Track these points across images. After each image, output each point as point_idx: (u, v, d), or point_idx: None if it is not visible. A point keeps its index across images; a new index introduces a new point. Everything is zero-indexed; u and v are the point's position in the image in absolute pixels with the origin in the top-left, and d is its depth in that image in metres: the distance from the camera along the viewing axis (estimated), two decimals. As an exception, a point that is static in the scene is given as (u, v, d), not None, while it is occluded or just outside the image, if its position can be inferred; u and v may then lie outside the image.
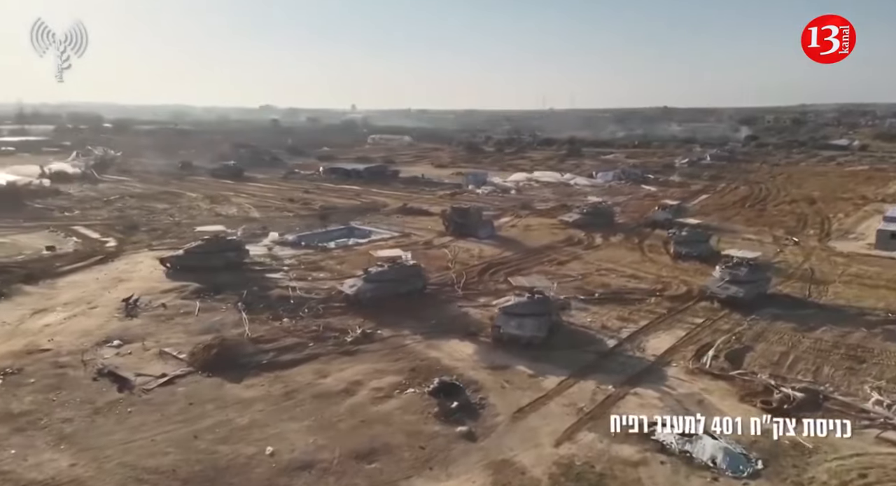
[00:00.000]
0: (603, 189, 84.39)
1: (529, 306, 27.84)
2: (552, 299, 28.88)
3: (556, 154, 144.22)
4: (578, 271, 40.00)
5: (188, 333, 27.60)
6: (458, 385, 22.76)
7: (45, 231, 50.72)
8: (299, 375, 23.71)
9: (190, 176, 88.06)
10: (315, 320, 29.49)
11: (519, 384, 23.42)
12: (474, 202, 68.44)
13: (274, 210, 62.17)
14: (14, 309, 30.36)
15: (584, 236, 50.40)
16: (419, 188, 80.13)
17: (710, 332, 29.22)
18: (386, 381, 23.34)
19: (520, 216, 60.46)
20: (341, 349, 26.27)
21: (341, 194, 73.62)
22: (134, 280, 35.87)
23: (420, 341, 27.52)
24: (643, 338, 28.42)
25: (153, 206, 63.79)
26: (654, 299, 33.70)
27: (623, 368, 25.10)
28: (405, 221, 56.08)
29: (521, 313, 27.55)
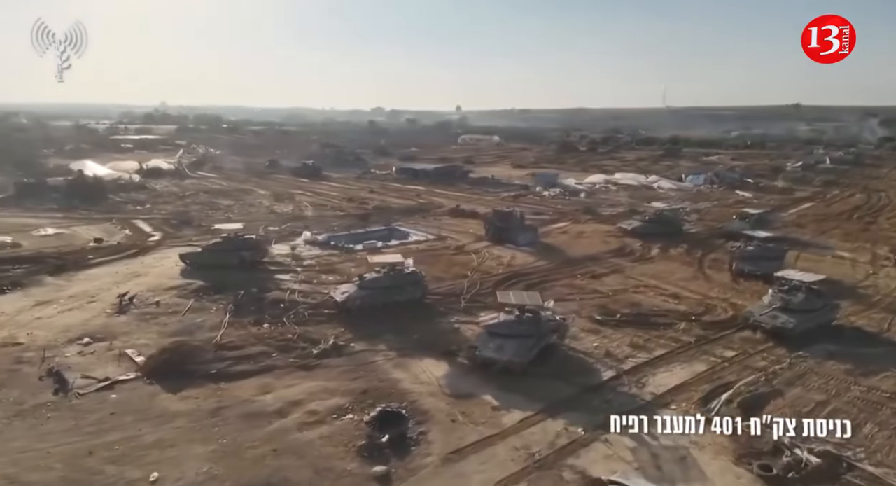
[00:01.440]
0: (688, 194, 77.81)
1: (515, 327, 24.58)
2: (545, 318, 25.38)
3: (652, 154, 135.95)
4: (613, 286, 35.78)
5: (161, 334, 26.82)
6: (402, 415, 20.16)
7: (107, 223, 53.10)
8: (241, 389, 22.03)
9: (272, 174, 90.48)
10: (295, 328, 27.81)
11: (475, 418, 20.40)
12: (537, 204, 65.19)
13: (328, 209, 61.87)
14: (21, 300, 31.13)
15: (640, 247, 45.60)
16: (484, 190, 77.37)
17: (739, 369, 24.52)
18: (329, 403, 21.13)
19: (578, 222, 56.19)
20: (302, 362, 24.37)
21: (402, 194, 72.35)
22: (150, 276, 36.07)
23: (391, 359, 25.07)
24: (650, 371, 24.27)
25: (219, 202, 65.57)
26: (683, 325, 29.08)
27: (607, 407, 21.28)
28: (450, 224, 53.66)
29: (504, 334, 24.35)
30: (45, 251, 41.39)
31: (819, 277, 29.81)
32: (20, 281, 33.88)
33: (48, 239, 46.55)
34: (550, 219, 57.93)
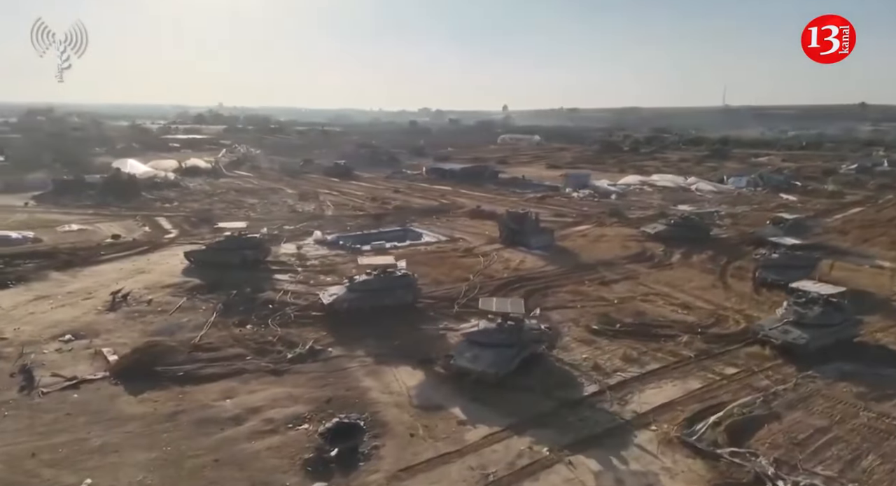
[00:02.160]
0: (727, 197, 74.57)
1: (494, 335, 23.29)
2: (528, 327, 24.00)
3: (697, 155, 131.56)
4: (621, 293, 33.97)
5: (143, 333, 26.64)
6: (358, 427, 19.21)
7: (131, 220, 54.10)
8: (204, 393, 21.48)
9: (306, 174, 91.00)
10: (277, 330, 27.22)
11: (436, 433, 19.25)
12: (563, 206, 63.48)
13: (349, 209, 61.55)
14: (21, 295, 31.60)
15: (661, 252, 43.44)
16: (511, 190, 75.84)
17: (737, 388, 22.60)
18: (288, 411, 20.33)
19: (602, 225, 54.14)
20: (274, 367, 23.65)
21: (427, 195, 71.54)
22: (153, 273, 36.23)
23: (366, 365, 24.14)
24: (638, 387, 22.60)
25: (245, 200, 66.06)
26: (686, 338, 27.15)
27: (582, 425, 19.83)
28: (467, 225, 52.51)
29: (483, 343, 23.10)
30: (62, 247, 42.17)
31: (839, 289, 27.37)
32: (26, 276, 34.50)
33: (70, 235, 47.58)
34: (573, 221, 56.10)
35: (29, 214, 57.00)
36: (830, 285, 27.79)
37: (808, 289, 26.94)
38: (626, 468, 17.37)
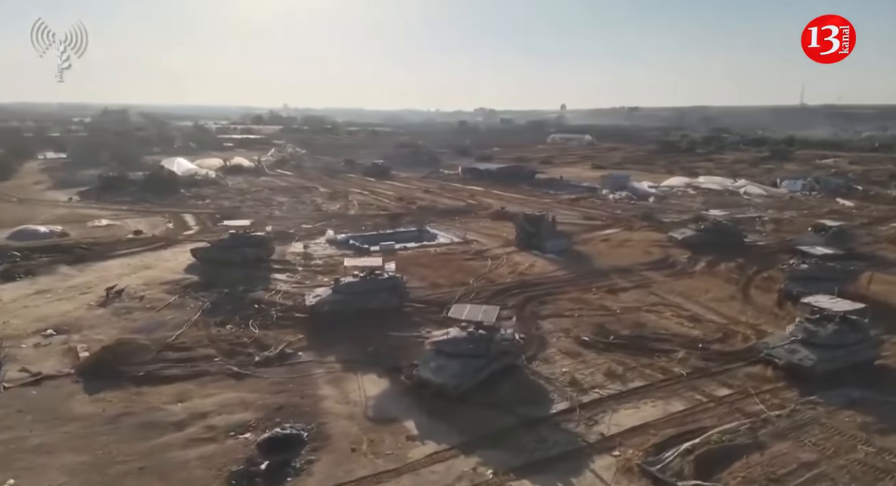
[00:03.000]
0: (777, 201, 70.31)
1: (461, 345, 22.00)
2: (500, 338, 22.58)
3: (756, 156, 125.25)
4: (627, 303, 31.97)
5: (123, 330, 26.69)
6: (298, 439, 18.34)
7: (159, 216, 55.34)
8: (158, 395, 21.12)
9: (345, 173, 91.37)
10: (255, 331, 26.77)
11: (380, 448, 18.16)
12: (595, 208, 61.21)
13: (374, 208, 61.15)
14: (24, 288, 32.41)
15: (686, 259, 40.88)
16: (545, 191, 73.72)
17: (724, 413, 20.54)
18: (235, 418, 19.69)
19: (630, 229, 51.65)
20: (237, 370, 23.09)
21: (457, 195, 70.40)
22: (157, 269, 36.65)
23: (332, 372, 23.30)
24: (613, 406, 20.85)
25: (275, 199, 66.61)
26: (683, 353, 25.06)
27: (538, 446, 18.33)
28: (487, 227, 51.10)
29: (449, 353, 21.86)
30: (83, 242, 43.37)
31: (858, 305, 24.62)
32: (35, 269, 35.46)
33: (97, 230, 49.00)
34: (601, 225, 53.85)
35: (69, 209, 59.26)
36: (849, 301, 25.04)
37: (823, 304, 24.35)
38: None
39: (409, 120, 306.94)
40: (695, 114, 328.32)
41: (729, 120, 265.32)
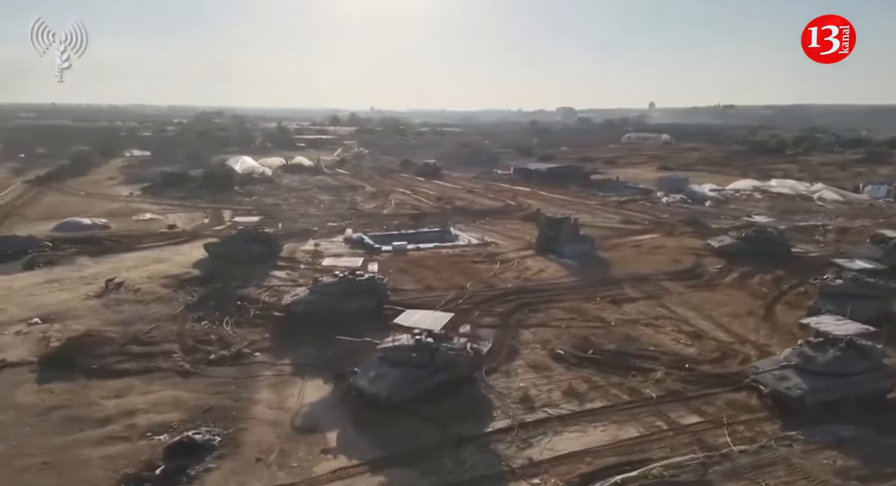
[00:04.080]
0: (853, 208, 63.92)
1: (405, 354, 20.81)
2: (447, 348, 21.19)
3: (848, 158, 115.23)
4: (628, 315, 29.62)
5: (103, 321, 27.34)
6: (208, 445, 17.79)
7: (201, 212, 57.17)
8: (100, 389, 21.26)
9: (398, 173, 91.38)
10: (226, 329, 26.69)
11: (288, 460, 17.31)
12: (641, 212, 58.05)
13: (408, 207, 60.63)
14: (37, 277, 34.11)
15: (717, 269, 37.58)
16: (594, 193, 70.50)
17: (682, 443, 18.25)
18: (161, 418, 19.43)
19: (671, 234, 48.31)
20: (187, 368, 22.97)
21: (500, 195, 68.66)
22: (168, 263, 37.59)
23: (280, 375, 22.73)
24: (557, 428, 19.05)
25: (318, 197, 67.35)
26: (661, 374, 22.68)
27: (455, 469, 16.93)
28: (513, 229, 49.27)
29: (393, 361, 20.75)
30: (118, 234, 45.43)
31: (867, 328, 21.36)
32: (57, 260, 37.24)
33: (138, 223, 51.21)
34: (640, 229, 50.76)
35: (124, 204, 62.50)
36: (858, 324, 21.75)
37: (826, 326, 21.30)
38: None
39: (485, 120, 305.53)
40: (793, 112, 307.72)
41: (829, 119, 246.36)
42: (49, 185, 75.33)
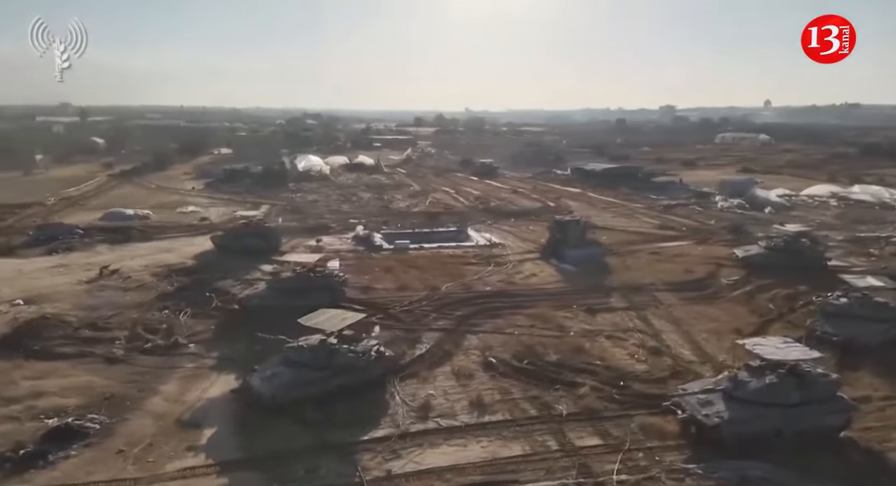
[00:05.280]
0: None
1: (301, 355, 20.32)
2: (347, 350, 20.46)
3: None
4: (595, 326, 27.55)
5: (76, 305, 28.78)
6: (85, 433, 18.13)
7: (242, 205, 59.38)
8: (29, 370, 22.20)
9: (453, 172, 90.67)
10: (178, 319, 27.36)
11: (149, 455, 17.14)
12: (683, 217, 54.40)
13: (441, 206, 60.07)
14: (49, 262, 36.74)
15: (730, 281, 34.25)
16: (644, 195, 66.51)
17: (561, 468, 16.58)
18: (60, 402, 19.79)
19: (703, 243, 44.68)
20: (119, 354, 23.67)
21: (543, 196, 66.52)
22: (173, 253, 39.35)
23: (198, 368, 22.87)
24: (436, 441, 17.92)
25: (360, 194, 68.09)
26: (584, 390, 20.79)
27: (305, 477, 16.24)
28: (535, 231, 47.04)
29: (294, 362, 20.32)
30: (151, 225, 48.17)
31: (814, 354, 18.46)
32: (77, 246, 39.90)
33: (179, 215, 53.91)
34: (672, 235, 47.37)
35: (181, 196, 66.15)
36: (804, 348, 18.84)
37: (764, 349, 18.61)
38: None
39: (577, 119, 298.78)
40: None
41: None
42: (129, 178, 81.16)
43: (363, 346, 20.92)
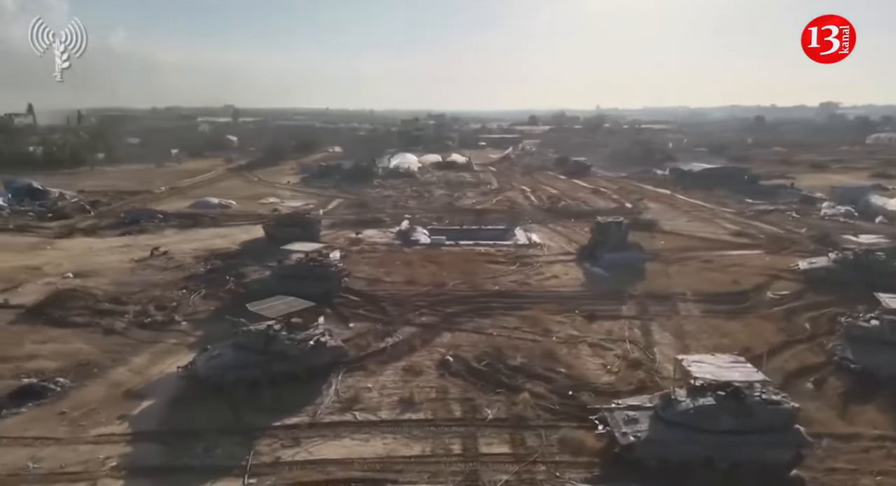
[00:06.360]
0: None
1: (247, 338, 20.98)
2: (283, 337, 20.80)
3: None
4: (583, 332, 25.82)
5: (113, 281, 31.79)
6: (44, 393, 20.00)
7: (324, 198, 61.98)
8: (39, 334, 24.84)
9: (545, 171, 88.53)
10: (189, 298, 29.28)
11: (83, 420, 18.48)
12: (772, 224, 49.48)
13: (504, 203, 59.09)
14: (117, 241, 41.33)
15: (776, 296, 30.68)
16: (740, 199, 60.81)
17: (450, 472, 15.84)
18: (45, 364, 21.99)
19: (772, 253, 40.18)
20: (118, 327, 25.71)
21: (626, 196, 63.48)
22: (227, 238, 42.43)
23: (176, 344, 24.38)
24: (341, 433, 17.81)
25: (433, 191, 68.22)
26: (525, 396, 19.56)
27: (200, 455, 16.78)
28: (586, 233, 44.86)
29: (236, 345, 21.06)
30: (226, 212, 51.92)
31: (757, 377, 15.95)
32: (148, 229, 43.95)
33: (256, 205, 57.49)
34: (744, 243, 43.16)
35: (272, 189, 70.35)
36: (751, 369, 16.30)
37: (702, 367, 16.43)
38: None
39: (712, 117, 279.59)
40: None
41: None
42: (240, 172, 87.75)
43: (304, 334, 21.09)
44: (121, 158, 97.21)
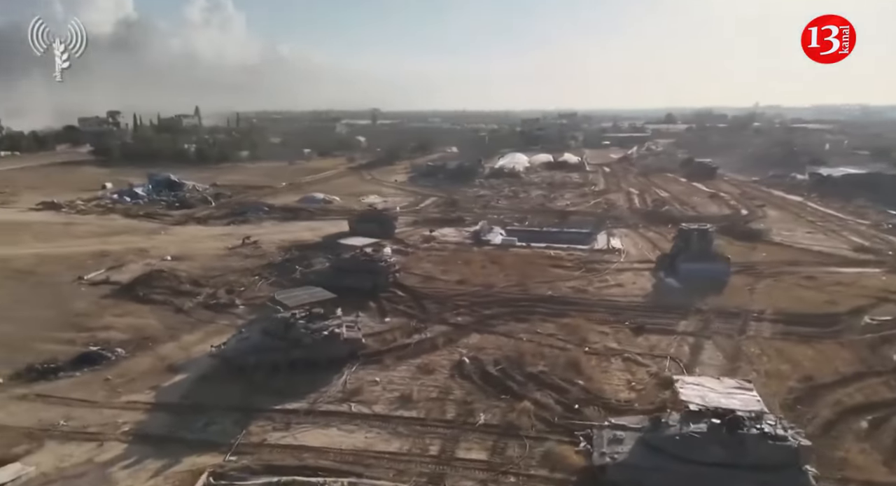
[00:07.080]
0: None
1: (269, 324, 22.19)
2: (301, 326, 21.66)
3: None
4: (621, 346, 24.20)
5: (201, 266, 34.76)
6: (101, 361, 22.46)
7: (413, 197, 63.39)
8: (120, 309, 28.05)
9: (665, 173, 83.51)
10: (258, 284, 31.45)
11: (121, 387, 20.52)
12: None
13: (601, 208, 56.68)
14: (218, 230, 45.23)
15: (873, 322, 26.84)
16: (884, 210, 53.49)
17: (418, 473, 15.78)
18: (115, 335, 24.80)
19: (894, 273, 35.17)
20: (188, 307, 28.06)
21: (745, 204, 58.72)
22: (315, 232, 44.60)
23: (231, 325, 25.98)
24: (332, 423, 18.34)
25: (530, 192, 66.76)
26: (526, 404, 18.89)
27: (200, 428, 18.06)
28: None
29: (264, 331, 22.30)
30: (327, 208, 54.85)
31: (756, 406, 14.05)
32: (251, 219, 47.60)
33: (356, 202, 59.85)
34: (863, 260, 38.16)
35: (378, 186, 72.97)
36: (754, 396, 14.35)
37: (692, 394, 14.85)
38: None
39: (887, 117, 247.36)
40: None
41: None
42: (358, 171, 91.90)
43: (320, 324, 21.81)
44: (261, 155, 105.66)
